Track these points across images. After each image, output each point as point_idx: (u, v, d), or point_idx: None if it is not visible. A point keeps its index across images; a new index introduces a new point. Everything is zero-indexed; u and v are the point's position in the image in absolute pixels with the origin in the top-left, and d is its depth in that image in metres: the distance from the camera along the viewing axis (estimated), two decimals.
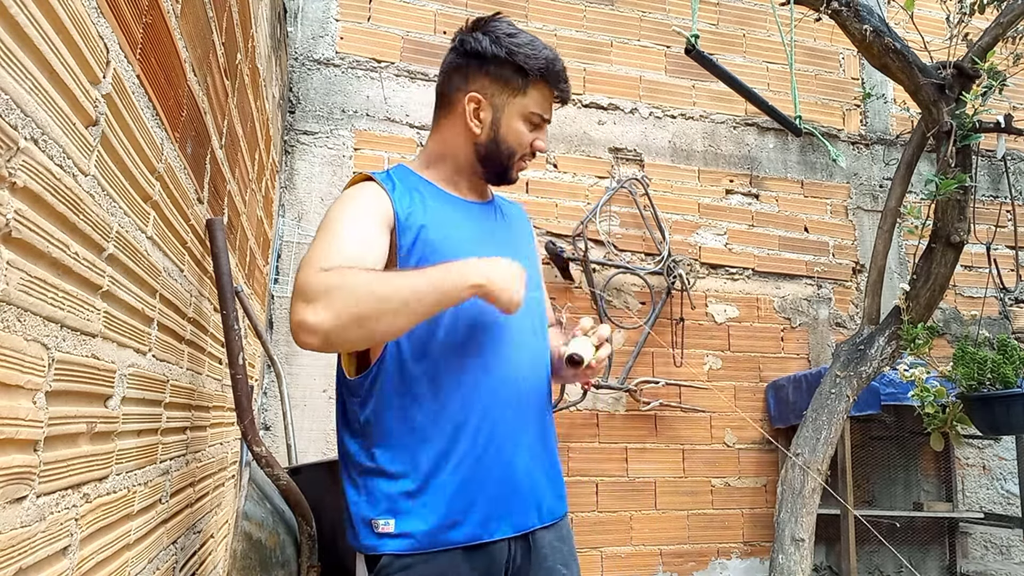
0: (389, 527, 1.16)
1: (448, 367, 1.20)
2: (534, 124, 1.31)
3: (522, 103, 1.29)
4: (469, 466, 1.19)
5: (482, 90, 1.30)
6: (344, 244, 1.14)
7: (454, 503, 1.18)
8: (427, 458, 1.18)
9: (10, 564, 0.67)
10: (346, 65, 3.37)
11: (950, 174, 2.42)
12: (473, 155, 1.32)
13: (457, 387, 1.21)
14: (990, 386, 2.17)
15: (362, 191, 1.24)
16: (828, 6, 2.48)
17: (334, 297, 1.04)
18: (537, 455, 1.29)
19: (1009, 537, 3.90)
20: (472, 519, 1.19)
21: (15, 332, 0.66)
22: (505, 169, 1.33)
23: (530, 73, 1.28)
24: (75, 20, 0.74)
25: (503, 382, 1.24)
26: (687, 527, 3.48)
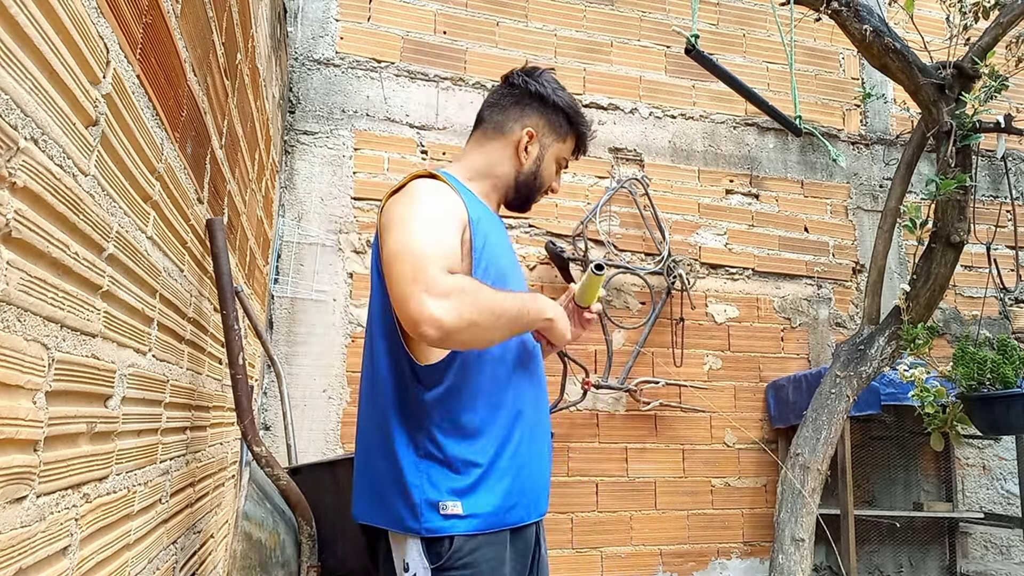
0: (457, 508, 1.24)
1: (505, 370, 1.35)
2: (559, 168, 1.53)
3: (560, 148, 1.51)
4: (523, 454, 1.33)
5: (537, 128, 1.48)
6: (443, 244, 1.23)
7: (512, 487, 1.30)
8: (491, 445, 1.30)
9: (10, 564, 0.67)
10: (346, 65, 3.37)
11: (950, 174, 2.42)
12: (513, 180, 1.49)
13: (511, 386, 1.36)
14: (990, 386, 2.17)
15: (439, 190, 1.33)
16: (828, 6, 2.48)
17: (462, 301, 1.15)
18: (549, 448, 1.48)
19: (1009, 537, 3.90)
20: (523, 502, 1.32)
21: (15, 332, 0.66)
22: (530, 199, 1.52)
23: (575, 126, 1.52)
24: (75, 20, 0.74)
25: (537, 387, 1.43)
26: (687, 527, 3.48)
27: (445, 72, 3.49)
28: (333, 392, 3.10)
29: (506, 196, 1.50)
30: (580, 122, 1.52)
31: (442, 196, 1.32)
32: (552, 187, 1.53)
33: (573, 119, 1.51)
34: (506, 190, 1.49)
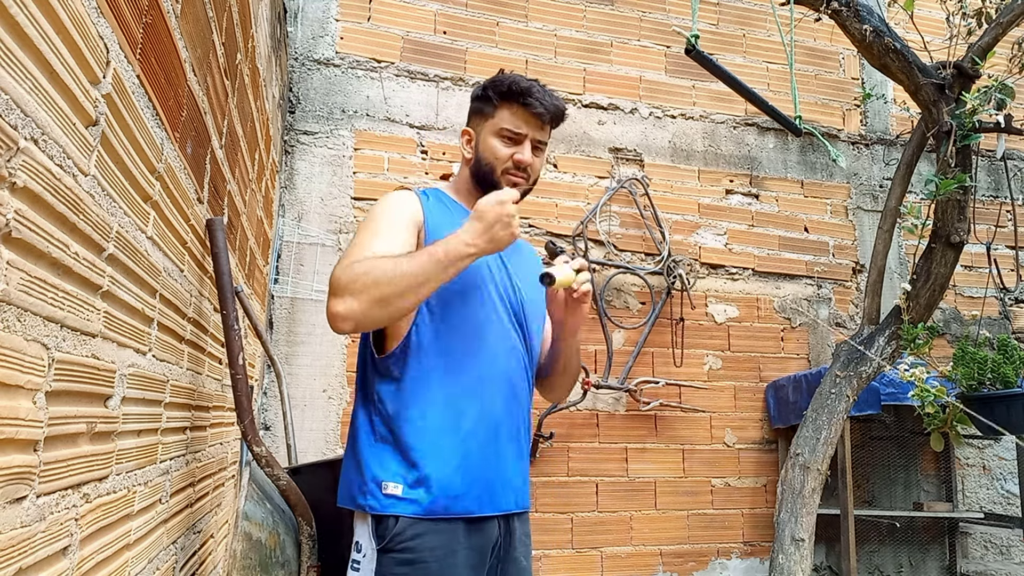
0: (398, 490, 1.30)
1: (456, 360, 1.38)
2: (509, 139, 1.46)
3: (492, 123, 1.48)
4: (473, 446, 1.35)
5: (470, 124, 1.55)
6: (372, 242, 1.32)
7: (456, 477, 1.33)
8: (437, 433, 1.33)
9: (10, 564, 0.67)
10: (346, 65, 3.37)
11: (950, 174, 2.42)
12: (471, 178, 1.53)
13: (463, 377, 1.38)
14: (990, 386, 2.17)
15: (397, 195, 1.45)
16: (828, 6, 2.48)
17: (359, 285, 1.23)
18: (516, 448, 1.45)
19: (1009, 537, 3.90)
20: (472, 493, 1.34)
21: (15, 332, 0.66)
22: (492, 183, 1.47)
23: (493, 97, 1.48)
24: (75, 20, 0.74)
25: (498, 379, 1.42)
26: (687, 527, 3.48)
27: (445, 72, 3.49)
28: (333, 392, 3.10)
29: (480, 191, 1.48)
30: (498, 89, 1.47)
31: (398, 200, 1.43)
32: (515, 160, 1.46)
33: (493, 88, 1.48)
34: (473, 188, 1.51)
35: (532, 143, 1.47)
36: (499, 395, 1.41)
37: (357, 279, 1.23)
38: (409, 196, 1.46)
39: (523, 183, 1.48)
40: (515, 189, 1.38)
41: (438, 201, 1.49)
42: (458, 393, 1.37)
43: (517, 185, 1.47)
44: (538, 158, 1.50)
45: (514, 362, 1.46)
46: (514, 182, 1.47)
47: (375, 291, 1.23)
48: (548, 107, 1.47)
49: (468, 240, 1.27)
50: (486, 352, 1.41)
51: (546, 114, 1.46)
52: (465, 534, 1.33)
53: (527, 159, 1.46)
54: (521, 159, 1.46)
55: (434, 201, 1.48)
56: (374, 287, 1.23)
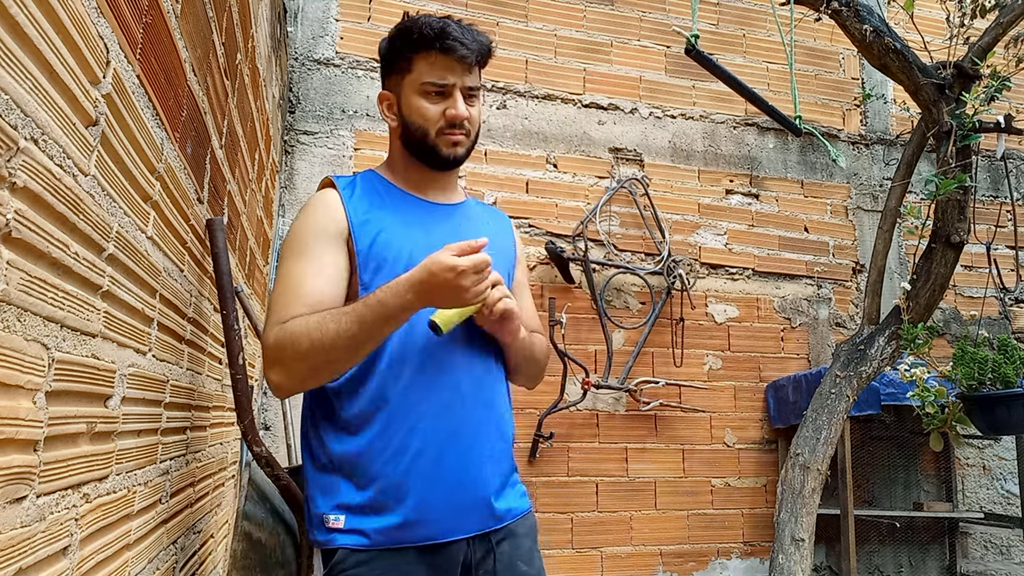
0: (339, 523, 1.18)
1: (401, 370, 1.22)
2: (436, 94, 1.27)
3: (411, 80, 1.29)
4: (422, 467, 1.20)
5: (386, 85, 1.36)
6: (299, 286, 1.20)
7: (406, 503, 1.18)
8: (379, 457, 1.19)
9: (10, 564, 0.67)
10: (346, 65, 3.37)
11: (950, 174, 2.42)
12: (401, 147, 1.35)
13: (401, 382, 1.22)
14: (990, 386, 2.17)
15: (315, 207, 1.29)
16: (828, 6, 2.48)
17: (285, 358, 1.14)
18: (487, 450, 1.27)
19: (1009, 537, 3.90)
20: (427, 519, 1.19)
21: (15, 332, 0.66)
22: (430, 148, 1.30)
23: (405, 48, 1.28)
24: (75, 20, 0.74)
25: (446, 376, 1.24)
26: (687, 527, 3.48)
27: None
28: None
29: (413, 163, 1.34)
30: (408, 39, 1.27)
31: (318, 211, 1.27)
32: (448, 116, 1.27)
33: (403, 39, 1.28)
34: (407, 158, 1.35)
35: (462, 92, 1.28)
36: (451, 394, 1.23)
37: (285, 349, 1.13)
38: (329, 199, 1.29)
39: (464, 140, 1.30)
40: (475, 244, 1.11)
41: (368, 188, 1.33)
42: (397, 402, 1.20)
43: (458, 144, 1.30)
44: (473, 106, 1.30)
45: (465, 352, 1.27)
46: (454, 142, 1.29)
47: (304, 363, 1.13)
48: (471, 46, 1.26)
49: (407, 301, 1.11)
50: (426, 347, 1.23)
51: (471, 55, 1.26)
52: (420, 558, 1.19)
53: (462, 112, 1.27)
54: (455, 114, 1.27)
55: (362, 190, 1.32)
56: (303, 359, 1.12)
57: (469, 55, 1.26)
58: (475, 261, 1.10)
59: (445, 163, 1.32)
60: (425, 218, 1.33)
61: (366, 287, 1.22)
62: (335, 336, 1.10)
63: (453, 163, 1.32)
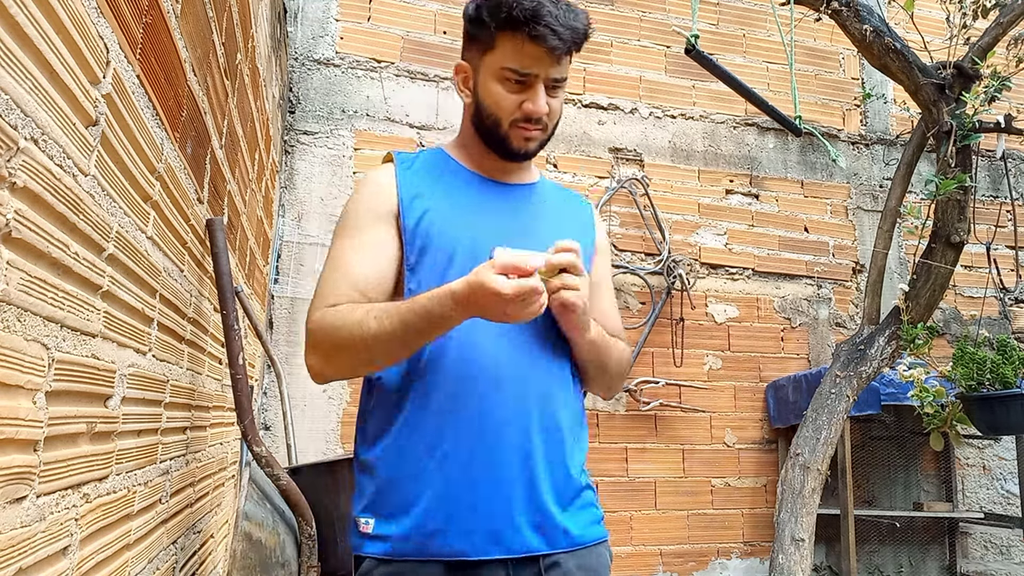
0: (368, 527, 1.10)
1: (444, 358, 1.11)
2: (516, 83, 1.13)
3: (491, 60, 1.15)
4: (454, 468, 1.07)
5: (465, 55, 1.22)
6: (345, 266, 1.13)
7: (434, 508, 1.06)
8: (411, 454, 1.09)
9: (10, 564, 0.67)
10: (346, 65, 3.37)
11: (950, 174, 2.42)
12: (472, 128, 1.23)
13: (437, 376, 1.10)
14: (990, 386, 2.17)
15: (367, 184, 1.22)
16: (828, 6, 2.48)
17: (323, 346, 1.08)
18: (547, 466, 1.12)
19: (1009, 537, 3.90)
20: (453, 530, 1.06)
21: (15, 332, 0.66)
22: (501, 139, 1.18)
23: (492, 22, 1.13)
24: (75, 20, 0.74)
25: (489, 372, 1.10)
26: (687, 527, 3.48)
27: (445, 72, 3.49)
28: (333, 392, 3.10)
29: (485, 147, 1.22)
30: (496, 13, 1.12)
31: (370, 191, 1.20)
32: (524, 110, 1.14)
33: (489, 12, 1.13)
34: (478, 142, 1.23)
35: (546, 83, 1.14)
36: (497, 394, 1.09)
37: (324, 340, 1.08)
38: (382, 176, 1.21)
39: (539, 135, 1.18)
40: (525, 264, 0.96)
41: (428, 164, 1.23)
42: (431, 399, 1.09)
43: (531, 140, 1.18)
44: (556, 99, 1.17)
45: (515, 346, 1.13)
46: (527, 137, 1.17)
47: (341, 356, 1.07)
48: (564, 36, 1.10)
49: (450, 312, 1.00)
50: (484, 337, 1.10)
51: (562, 46, 1.10)
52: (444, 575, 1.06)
53: (541, 109, 1.14)
54: (533, 109, 1.14)
55: (421, 166, 1.23)
56: (340, 351, 1.07)
57: (560, 46, 1.10)
58: (521, 290, 0.95)
59: (514, 156, 1.21)
60: (486, 199, 1.22)
61: (411, 268, 1.14)
62: (376, 335, 1.03)
63: (523, 157, 1.22)
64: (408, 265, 1.15)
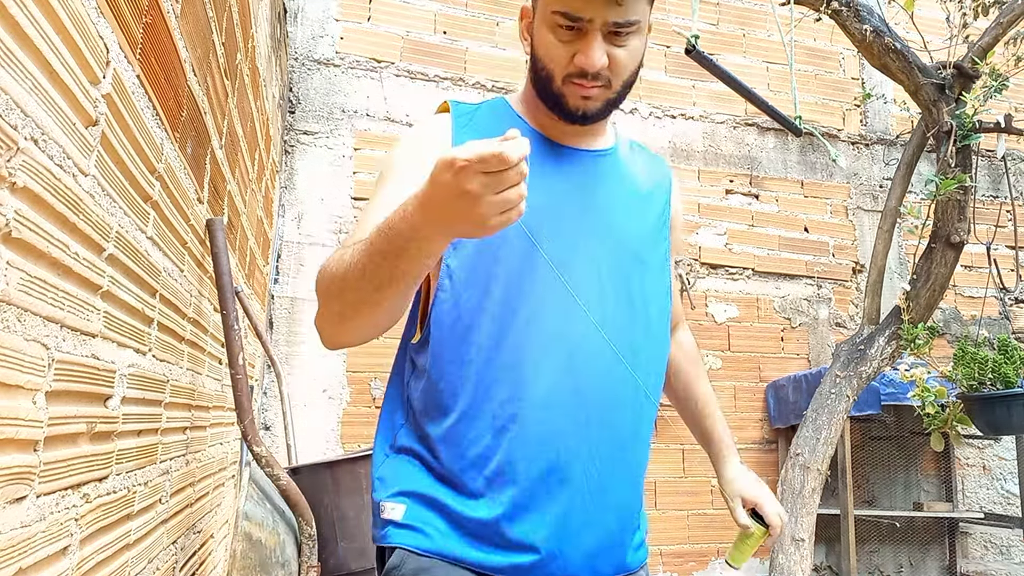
0: (396, 512, 0.93)
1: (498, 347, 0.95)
2: (567, 29, 0.94)
3: (544, 2, 0.96)
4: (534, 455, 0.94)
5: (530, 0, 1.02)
6: (372, 215, 0.92)
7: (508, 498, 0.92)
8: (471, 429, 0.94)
9: (10, 564, 0.67)
10: (346, 65, 3.37)
11: (950, 174, 2.42)
12: (532, 85, 1.04)
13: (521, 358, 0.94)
14: (990, 386, 2.17)
15: (417, 130, 1.06)
16: (828, 6, 2.48)
17: (318, 294, 0.90)
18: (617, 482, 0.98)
19: (1009, 537, 3.90)
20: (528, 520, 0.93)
21: (15, 332, 0.66)
22: (556, 96, 0.99)
23: None
24: (75, 20, 0.74)
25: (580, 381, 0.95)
26: (687, 527, 3.48)
27: (445, 72, 3.49)
28: (333, 392, 3.10)
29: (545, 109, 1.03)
30: None
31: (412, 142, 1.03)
32: (577, 63, 0.95)
33: None
34: (538, 100, 1.04)
35: (603, 30, 0.94)
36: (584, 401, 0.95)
37: (318, 283, 0.90)
38: (436, 123, 1.04)
39: (600, 93, 0.98)
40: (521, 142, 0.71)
41: (489, 117, 1.06)
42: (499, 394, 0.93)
43: (590, 99, 0.98)
44: (623, 47, 0.96)
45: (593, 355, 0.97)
46: (584, 95, 0.97)
47: (329, 303, 0.89)
48: None
49: (413, 219, 0.77)
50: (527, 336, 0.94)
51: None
52: None
53: (594, 62, 0.94)
54: (585, 63, 0.94)
55: (481, 118, 1.05)
56: (326, 297, 0.89)
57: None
58: (479, 153, 0.69)
59: (573, 118, 1.01)
60: (551, 165, 1.03)
61: (452, 243, 0.93)
62: (347, 268, 0.84)
63: (584, 119, 1.01)
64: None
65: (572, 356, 0.96)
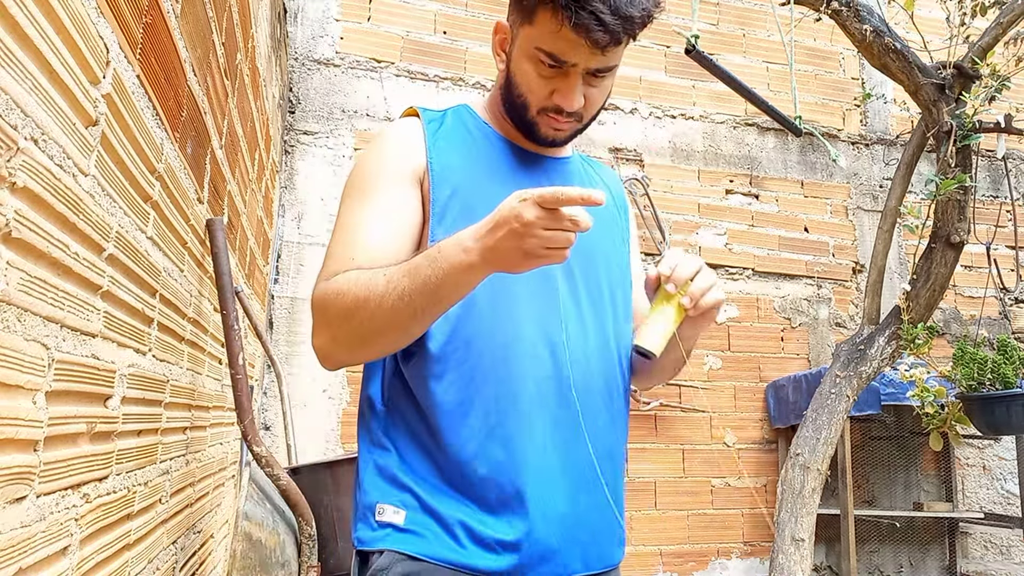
0: (398, 516, 0.93)
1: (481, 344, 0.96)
2: (550, 67, 0.97)
3: (528, 34, 0.98)
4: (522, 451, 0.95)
5: (509, 19, 1.04)
6: (358, 233, 0.96)
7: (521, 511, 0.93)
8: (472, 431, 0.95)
9: (10, 564, 0.67)
10: (346, 65, 3.37)
11: (950, 174, 2.42)
12: (500, 97, 1.07)
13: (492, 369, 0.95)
14: (990, 386, 2.17)
15: (388, 138, 1.05)
16: (828, 6, 2.48)
17: (329, 317, 0.91)
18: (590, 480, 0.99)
19: (1009, 537, 3.90)
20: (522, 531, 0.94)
21: (15, 332, 0.66)
22: (528, 124, 1.03)
23: None
24: (75, 20, 0.74)
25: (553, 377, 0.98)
26: (687, 527, 3.48)
27: (445, 72, 3.49)
28: (333, 392, 3.10)
29: (507, 124, 1.08)
30: None
31: (391, 145, 1.03)
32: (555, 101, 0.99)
33: None
34: (505, 114, 1.08)
35: (585, 74, 0.98)
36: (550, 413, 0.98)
37: (329, 307, 0.91)
38: (408, 131, 1.05)
39: (569, 127, 1.04)
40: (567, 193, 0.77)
41: (457, 125, 1.07)
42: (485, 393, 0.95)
43: (560, 131, 1.03)
44: (598, 88, 1.01)
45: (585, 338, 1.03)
46: (556, 128, 1.02)
47: (349, 325, 0.89)
48: (612, 28, 0.92)
49: (468, 253, 0.82)
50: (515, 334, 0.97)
51: (607, 39, 0.93)
52: None
53: (573, 103, 0.99)
54: (560, 101, 0.99)
55: (451, 126, 1.06)
56: (347, 319, 0.89)
57: (604, 40, 0.93)
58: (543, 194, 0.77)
59: (541, 143, 1.07)
60: (524, 172, 1.07)
61: None
62: (384, 291, 0.85)
63: (551, 144, 1.08)
64: (435, 241, 0.96)
65: (555, 353, 0.99)
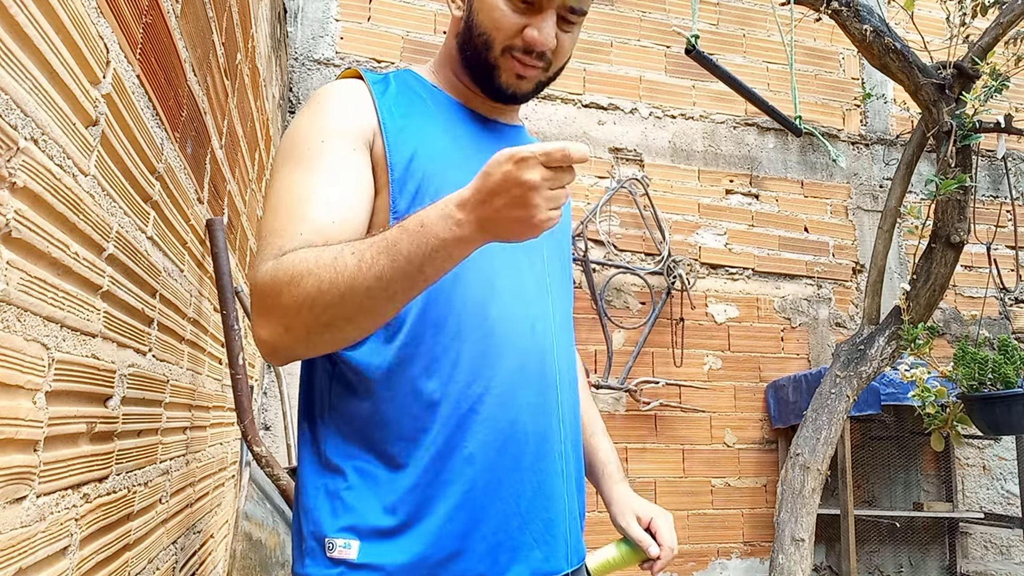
0: (350, 552, 0.83)
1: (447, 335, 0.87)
2: (523, 2, 0.90)
3: None
4: (474, 470, 0.86)
5: None
6: (303, 203, 0.83)
7: (450, 524, 0.84)
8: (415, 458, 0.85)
9: (10, 564, 0.67)
10: (346, 65, 3.37)
11: (950, 174, 2.42)
12: (457, 50, 0.98)
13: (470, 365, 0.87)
14: (990, 386, 2.17)
15: (330, 97, 0.92)
16: (828, 6, 2.48)
17: (281, 304, 0.77)
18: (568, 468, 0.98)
19: (1009, 537, 3.90)
20: (476, 549, 0.86)
21: (15, 332, 0.66)
22: (487, 67, 0.93)
23: None
24: (75, 20, 0.74)
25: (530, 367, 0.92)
26: (687, 527, 3.48)
27: None
28: None
29: (469, 80, 0.99)
30: None
31: (336, 102, 0.91)
32: (527, 38, 0.90)
33: None
34: (459, 68, 0.99)
35: (560, 11, 0.91)
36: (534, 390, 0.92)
37: (281, 292, 0.76)
38: (353, 90, 0.93)
39: (535, 74, 0.95)
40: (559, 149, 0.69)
41: (403, 89, 0.98)
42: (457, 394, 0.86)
43: (525, 78, 0.94)
44: (569, 33, 0.94)
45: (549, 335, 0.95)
46: (519, 73, 0.93)
47: (310, 313, 0.76)
48: None
49: (458, 223, 0.71)
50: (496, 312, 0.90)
51: None
52: None
53: (546, 41, 0.90)
54: (536, 39, 0.90)
55: (397, 90, 0.96)
56: (307, 307, 0.75)
57: None
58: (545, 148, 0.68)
59: (500, 94, 0.97)
60: (479, 135, 0.99)
61: (401, 217, 0.84)
62: (355, 272, 0.73)
63: (510, 99, 0.98)
64: (396, 213, 0.87)
65: (534, 328, 0.93)
